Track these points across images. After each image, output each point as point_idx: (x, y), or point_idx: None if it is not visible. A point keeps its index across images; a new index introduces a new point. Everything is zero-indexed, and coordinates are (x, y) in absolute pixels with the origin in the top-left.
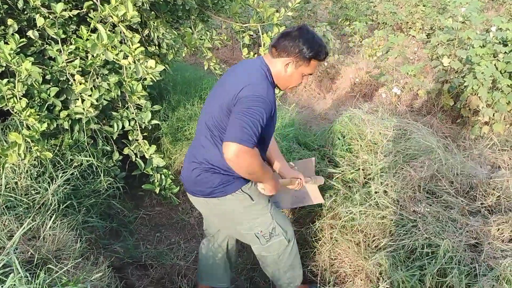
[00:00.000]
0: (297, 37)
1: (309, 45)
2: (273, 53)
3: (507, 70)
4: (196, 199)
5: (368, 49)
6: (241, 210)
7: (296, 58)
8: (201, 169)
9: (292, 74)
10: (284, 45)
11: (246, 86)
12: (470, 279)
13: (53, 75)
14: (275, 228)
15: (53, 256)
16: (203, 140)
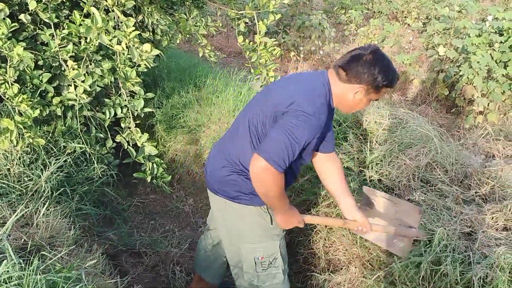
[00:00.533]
0: (372, 64)
1: (384, 74)
2: (341, 76)
3: (502, 59)
4: (216, 198)
5: (364, 38)
6: (255, 227)
7: (368, 86)
8: (233, 170)
9: (360, 100)
10: (357, 72)
11: (301, 99)
12: (464, 267)
13: (45, 61)
14: (277, 260)
15: (46, 243)
16: (243, 139)
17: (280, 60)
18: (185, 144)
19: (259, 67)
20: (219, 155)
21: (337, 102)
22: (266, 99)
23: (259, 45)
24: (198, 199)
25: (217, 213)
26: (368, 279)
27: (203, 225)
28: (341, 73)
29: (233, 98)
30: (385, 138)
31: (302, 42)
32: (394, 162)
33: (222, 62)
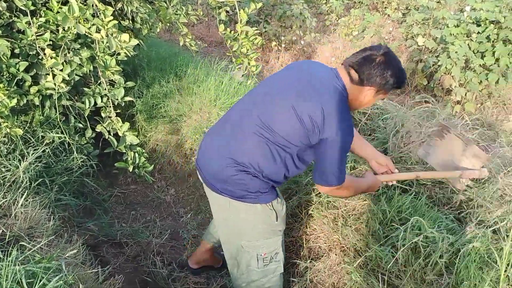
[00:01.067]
0: (384, 68)
1: (396, 77)
2: (354, 78)
3: (479, 50)
4: (218, 197)
5: (345, 28)
6: (259, 224)
7: (378, 87)
8: (240, 169)
9: (370, 100)
10: (370, 74)
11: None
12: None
13: (22, 49)
14: (278, 254)
15: (25, 234)
16: (252, 139)
17: (262, 49)
18: (166, 134)
19: (241, 57)
20: (220, 153)
21: (350, 101)
22: (285, 104)
23: (240, 34)
24: (179, 189)
25: (218, 213)
26: (349, 265)
27: (184, 215)
28: (354, 75)
29: (215, 88)
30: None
31: (283, 32)
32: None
33: (203, 52)
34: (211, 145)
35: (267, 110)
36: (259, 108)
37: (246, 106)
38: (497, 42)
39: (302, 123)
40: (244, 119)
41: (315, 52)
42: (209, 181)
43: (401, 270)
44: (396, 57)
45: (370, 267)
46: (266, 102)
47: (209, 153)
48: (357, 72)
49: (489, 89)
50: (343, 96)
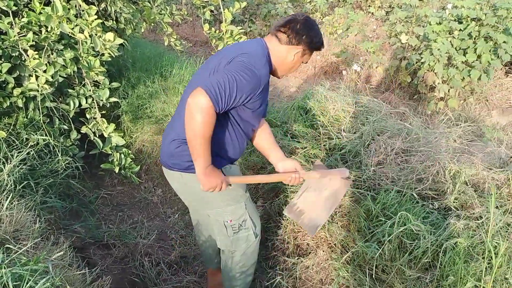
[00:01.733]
0: (308, 27)
1: (318, 37)
2: (281, 39)
3: (461, 47)
4: (171, 173)
5: (329, 27)
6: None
7: (305, 47)
8: (180, 140)
9: (296, 62)
10: (297, 33)
11: (243, 53)
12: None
13: (4, 51)
14: (246, 221)
15: (11, 237)
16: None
17: None
18: (152, 135)
19: None
20: (167, 132)
21: (277, 65)
22: (207, 67)
23: (225, 33)
24: (166, 189)
25: (177, 188)
26: (336, 261)
27: (172, 215)
28: (281, 36)
29: None
30: (352, 126)
31: (268, 30)
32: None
33: (188, 51)
34: (166, 129)
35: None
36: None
37: (187, 87)
38: (478, 39)
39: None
40: (184, 97)
41: None
42: (162, 159)
43: (387, 265)
44: (315, 21)
45: (357, 262)
46: (195, 78)
47: (163, 135)
48: (285, 33)
49: (472, 86)
50: (264, 51)
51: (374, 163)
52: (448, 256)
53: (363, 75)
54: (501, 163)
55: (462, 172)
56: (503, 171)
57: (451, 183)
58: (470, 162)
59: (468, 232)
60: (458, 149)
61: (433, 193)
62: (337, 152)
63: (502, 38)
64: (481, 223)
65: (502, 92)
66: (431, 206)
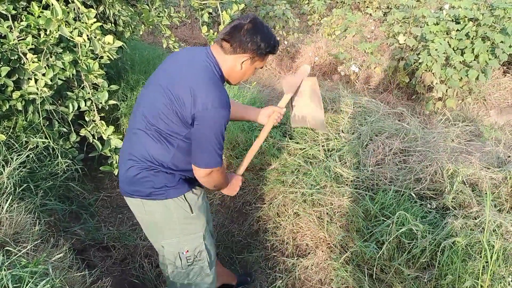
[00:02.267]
0: (253, 33)
1: (267, 41)
2: (226, 49)
3: (459, 47)
4: (132, 200)
5: (327, 28)
6: (175, 221)
7: (253, 54)
8: (140, 167)
9: (247, 69)
10: (240, 41)
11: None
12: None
13: (3, 54)
14: (202, 252)
15: (11, 239)
16: (142, 135)
17: None
18: None
19: None
20: (124, 158)
21: (227, 75)
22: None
23: None
24: None
25: (139, 217)
26: (335, 261)
27: None
28: (225, 45)
29: None
30: (350, 126)
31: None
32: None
33: None
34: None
35: (146, 102)
36: (145, 100)
37: (134, 109)
38: (476, 39)
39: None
40: (136, 119)
41: (299, 52)
42: (121, 186)
43: (386, 265)
44: (263, 23)
45: (356, 262)
46: (144, 96)
47: (119, 159)
48: (228, 42)
49: (470, 85)
50: (213, 73)
51: (373, 164)
52: (446, 255)
53: (361, 75)
54: (499, 163)
55: (460, 172)
56: (501, 171)
57: (448, 183)
58: (468, 162)
59: (466, 231)
60: (456, 149)
61: (431, 192)
62: (336, 152)
63: (500, 38)
64: (479, 222)
65: (500, 91)
66: (429, 206)
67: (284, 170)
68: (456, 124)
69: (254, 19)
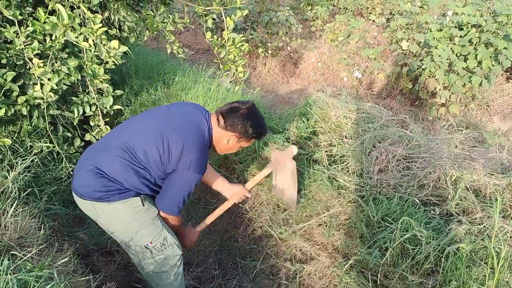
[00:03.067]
0: (246, 118)
1: (255, 128)
2: (220, 123)
3: (462, 53)
4: (82, 201)
5: (330, 34)
6: (131, 218)
7: (240, 135)
8: (98, 172)
9: (232, 146)
10: (233, 122)
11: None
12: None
13: (9, 59)
14: (167, 238)
15: (16, 244)
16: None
17: (249, 56)
18: None
19: (228, 63)
20: (86, 163)
21: (215, 143)
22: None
23: (227, 41)
24: None
25: (93, 216)
26: (338, 268)
27: None
28: (221, 120)
29: (203, 95)
30: (354, 132)
31: (269, 38)
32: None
33: (190, 59)
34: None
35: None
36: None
37: (121, 131)
38: (479, 45)
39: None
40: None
41: (302, 58)
42: (74, 186)
43: (390, 271)
44: (258, 112)
45: (360, 268)
46: (138, 126)
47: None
48: (223, 118)
49: (473, 91)
50: (206, 139)
51: (376, 171)
52: (451, 261)
53: (364, 81)
54: (502, 169)
55: (463, 178)
56: (504, 177)
57: (452, 189)
58: (471, 168)
59: (470, 237)
60: (460, 155)
61: (435, 199)
62: (339, 158)
63: (503, 44)
64: (483, 228)
65: (503, 97)
66: (432, 212)
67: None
68: (459, 130)
69: (251, 107)
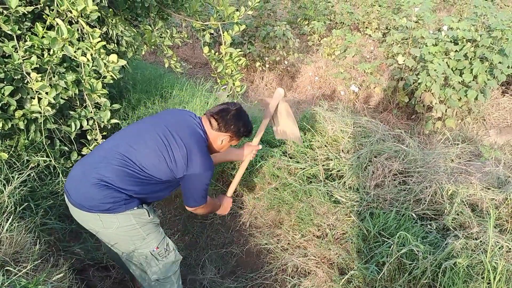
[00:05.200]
0: (237, 118)
1: (246, 127)
2: (213, 125)
3: (458, 67)
4: (85, 214)
5: (327, 48)
6: (137, 226)
7: (232, 134)
8: (103, 184)
9: (225, 145)
10: (226, 123)
11: (195, 163)
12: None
13: (7, 74)
14: (169, 244)
15: (11, 259)
16: (121, 170)
17: (246, 70)
18: None
19: (225, 77)
20: (89, 176)
21: (210, 144)
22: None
23: (224, 55)
24: (166, 210)
25: (93, 229)
26: (335, 283)
27: (172, 236)
28: (214, 123)
29: (200, 108)
30: (351, 146)
31: (267, 52)
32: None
33: (188, 73)
34: (78, 171)
35: (140, 143)
36: (133, 142)
37: (118, 138)
38: (474, 60)
39: (172, 164)
40: (113, 151)
41: (299, 72)
42: (74, 199)
43: (387, 286)
44: (245, 112)
45: (357, 283)
46: (138, 136)
47: (76, 178)
48: (216, 121)
49: (469, 105)
50: (204, 141)
51: (372, 186)
52: (448, 276)
53: (361, 95)
54: (499, 183)
55: (459, 193)
56: (501, 191)
57: (448, 204)
58: (468, 182)
59: (467, 252)
60: (456, 169)
61: (431, 213)
62: (336, 173)
63: (498, 59)
64: (480, 243)
65: (499, 111)
66: (429, 227)
67: (284, 189)
68: (455, 144)
69: (239, 108)
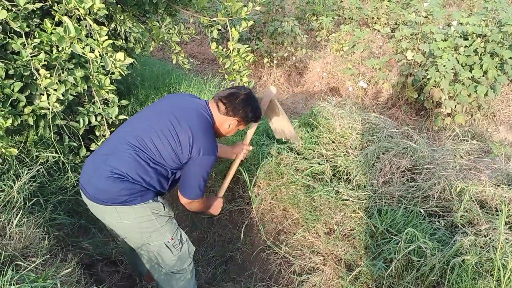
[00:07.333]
0: (246, 103)
1: (254, 112)
2: (221, 109)
3: (467, 63)
4: (102, 207)
5: (335, 44)
6: (152, 218)
7: (240, 119)
8: (117, 177)
9: (232, 129)
10: (234, 107)
11: (199, 145)
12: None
13: (16, 70)
14: (182, 235)
15: (20, 254)
16: (132, 159)
17: (254, 66)
18: None
19: (233, 73)
20: (100, 167)
21: (217, 128)
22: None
23: (232, 51)
24: (174, 205)
25: (110, 222)
26: (343, 279)
27: None
28: (221, 106)
29: None
30: (358, 143)
31: (275, 48)
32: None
33: (196, 69)
34: (90, 165)
35: (146, 129)
36: (141, 128)
37: (125, 129)
38: (484, 55)
39: (178, 149)
40: (126, 136)
41: (307, 68)
42: (90, 193)
43: (394, 283)
44: (255, 97)
45: (364, 280)
46: (144, 123)
47: (90, 171)
48: (224, 105)
49: (479, 101)
50: (210, 123)
51: (380, 183)
52: (456, 273)
53: (369, 91)
54: (509, 180)
55: (468, 189)
56: (511, 188)
57: (457, 200)
58: (477, 179)
59: (476, 249)
60: (465, 166)
61: (440, 210)
62: (344, 169)
63: (508, 54)
64: (489, 240)
65: (509, 107)
66: (437, 223)
67: (290, 187)
68: (465, 140)
69: (249, 92)
